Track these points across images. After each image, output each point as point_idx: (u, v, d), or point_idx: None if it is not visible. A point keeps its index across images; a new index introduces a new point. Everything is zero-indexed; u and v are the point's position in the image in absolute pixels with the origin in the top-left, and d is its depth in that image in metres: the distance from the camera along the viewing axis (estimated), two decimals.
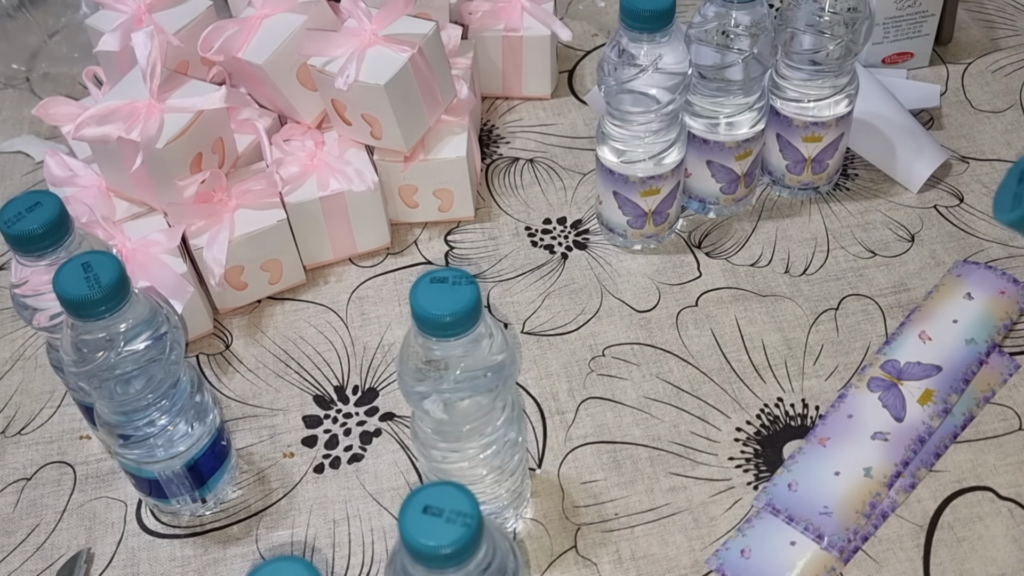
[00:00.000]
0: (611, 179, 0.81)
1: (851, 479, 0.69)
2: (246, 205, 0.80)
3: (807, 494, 0.69)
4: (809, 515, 0.68)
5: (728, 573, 0.66)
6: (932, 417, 0.71)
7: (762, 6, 0.76)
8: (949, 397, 0.72)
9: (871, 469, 0.69)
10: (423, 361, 0.57)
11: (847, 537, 0.67)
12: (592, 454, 0.73)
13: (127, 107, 0.75)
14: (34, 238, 0.62)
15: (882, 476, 0.69)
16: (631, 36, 0.73)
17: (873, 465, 0.69)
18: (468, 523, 0.47)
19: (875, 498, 0.68)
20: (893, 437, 0.71)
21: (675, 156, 0.80)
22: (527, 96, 0.99)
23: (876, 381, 0.74)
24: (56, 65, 1.05)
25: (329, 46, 0.80)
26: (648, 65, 0.73)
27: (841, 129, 0.84)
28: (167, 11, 0.84)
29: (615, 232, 0.85)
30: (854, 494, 0.68)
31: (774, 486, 0.70)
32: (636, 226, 0.84)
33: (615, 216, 0.84)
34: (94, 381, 0.61)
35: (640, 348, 0.79)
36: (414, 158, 0.84)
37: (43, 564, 0.70)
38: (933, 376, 0.73)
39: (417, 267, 0.86)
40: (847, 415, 0.73)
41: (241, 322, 0.83)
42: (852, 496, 0.68)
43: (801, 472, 0.70)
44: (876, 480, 0.69)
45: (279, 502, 0.72)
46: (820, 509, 0.68)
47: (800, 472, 0.70)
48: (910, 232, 0.86)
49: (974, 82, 0.98)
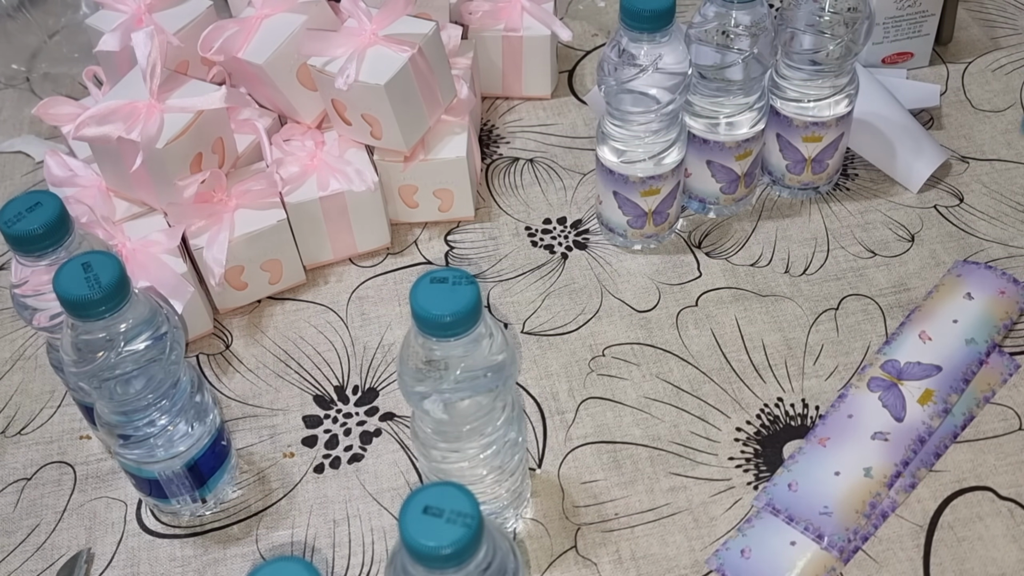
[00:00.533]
0: (611, 179, 0.81)
1: (851, 479, 0.69)
2: (246, 205, 0.80)
3: (807, 494, 0.69)
4: (809, 515, 0.68)
5: (728, 573, 0.66)
6: (932, 417, 0.71)
7: (762, 6, 0.76)
8: (949, 397, 0.72)
9: (871, 469, 0.69)
10: (423, 361, 0.57)
11: (847, 537, 0.67)
12: (592, 454, 0.73)
13: (127, 107, 0.75)
14: (34, 238, 0.62)
15: (882, 476, 0.69)
16: (631, 36, 0.73)
17: (873, 465, 0.69)
18: (468, 523, 0.47)
19: (875, 498, 0.68)
20: (893, 437, 0.71)
21: (675, 156, 0.80)
22: (527, 96, 0.99)
23: (876, 381, 0.74)
24: (56, 65, 1.05)
25: (329, 46, 0.80)
26: (648, 65, 0.73)
27: (841, 129, 0.84)
28: (167, 11, 0.84)
29: (615, 232, 0.85)
30: (854, 494, 0.68)
31: (774, 486, 0.70)
32: (636, 226, 0.84)
33: (615, 216, 0.84)
34: (94, 381, 0.61)
35: (640, 348, 0.79)
36: (414, 158, 0.84)
37: (43, 564, 0.70)
38: (933, 376, 0.73)
39: (417, 267, 0.86)
40: (847, 415, 0.73)
41: (241, 322, 0.83)
42: (852, 496, 0.68)
43: (801, 472, 0.70)
44: (876, 480, 0.69)
45: (279, 502, 0.72)
46: (820, 509, 0.68)
47: (800, 472, 0.70)
48: (910, 232, 0.86)
49: (974, 82, 0.98)
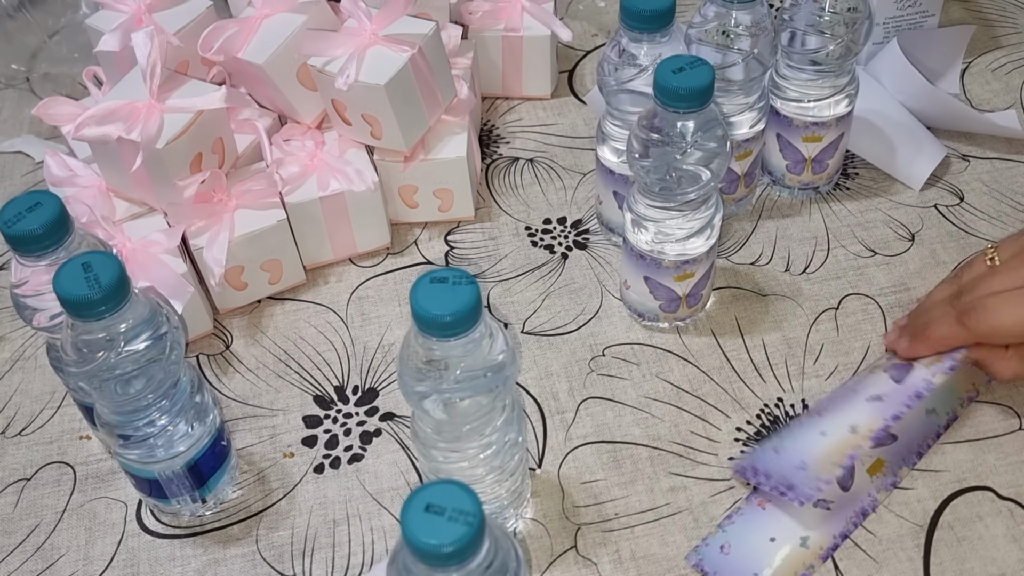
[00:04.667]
0: (611, 179, 0.81)
1: (836, 437, 0.69)
2: (246, 205, 0.80)
3: (788, 454, 0.69)
4: (784, 471, 0.67)
5: (707, 568, 0.66)
6: (935, 374, 0.71)
7: (762, 6, 0.76)
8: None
9: (857, 426, 0.69)
10: (423, 361, 0.57)
11: (818, 486, 0.66)
12: (592, 454, 0.73)
13: (127, 107, 0.75)
14: (34, 238, 0.62)
15: (867, 431, 0.68)
16: (631, 36, 0.73)
17: (859, 423, 0.69)
18: (470, 522, 0.47)
19: (855, 450, 0.67)
20: (888, 397, 0.70)
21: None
22: (527, 96, 0.99)
23: (887, 360, 0.74)
24: (56, 65, 1.05)
25: (329, 46, 0.80)
26: (648, 65, 0.73)
27: (841, 129, 0.84)
28: (167, 11, 0.84)
29: (615, 231, 0.85)
30: (835, 448, 0.68)
31: (760, 448, 0.70)
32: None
33: (615, 216, 0.84)
34: (94, 381, 0.61)
35: (640, 348, 0.79)
36: (414, 158, 0.84)
37: (43, 564, 0.70)
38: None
39: (417, 267, 0.86)
40: (852, 390, 0.73)
41: (241, 322, 0.83)
42: (832, 450, 0.68)
43: (788, 435, 0.70)
44: (860, 435, 0.68)
45: (279, 502, 0.72)
46: (796, 464, 0.68)
47: (788, 436, 0.70)
48: (910, 231, 0.86)
49: (974, 81, 0.98)
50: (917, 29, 0.96)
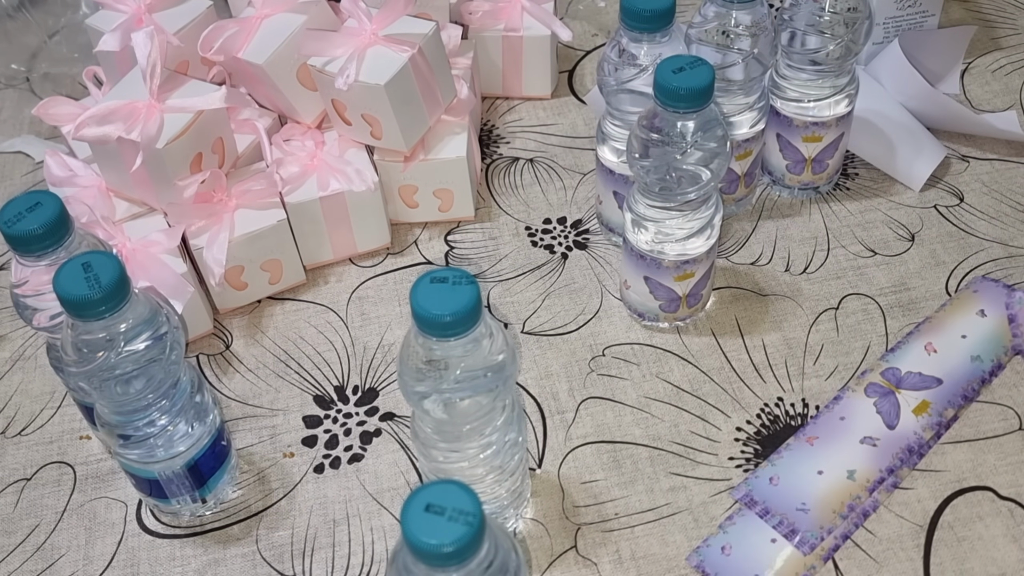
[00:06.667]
0: (611, 179, 0.81)
1: (833, 479, 0.69)
2: (246, 205, 0.80)
3: (787, 489, 0.69)
4: (785, 510, 0.68)
5: (708, 570, 0.66)
6: (925, 428, 0.71)
7: (762, 6, 0.76)
8: (945, 411, 0.72)
9: (855, 472, 0.69)
10: (423, 361, 0.57)
11: (820, 535, 0.67)
12: (592, 454, 0.73)
13: (127, 107, 0.75)
14: (34, 238, 0.62)
15: (865, 480, 0.69)
16: (631, 36, 0.73)
17: (857, 468, 0.69)
18: (470, 522, 0.47)
19: (855, 500, 0.68)
20: (882, 443, 0.71)
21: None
22: (527, 96, 0.99)
23: (874, 387, 0.74)
24: (56, 65, 1.05)
25: (329, 46, 0.80)
26: (648, 65, 0.73)
27: (841, 129, 0.84)
28: (167, 11, 0.84)
29: (615, 231, 0.85)
30: (834, 494, 0.68)
31: (756, 478, 0.70)
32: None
33: (615, 216, 0.84)
34: (94, 381, 0.61)
35: (640, 348, 0.79)
36: (414, 158, 0.84)
37: (43, 564, 0.70)
38: (932, 388, 0.73)
39: (417, 267, 0.86)
40: (839, 417, 0.73)
41: (241, 322, 0.83)
42: (831, 496, 0.68)
43: (784, 467, 0.70)
44: (858, 483, 0.69)
45: (279, 502, 0.72)
46: (798, 505, 0.68)
47: (783, 467, 0.70)
48: (910, 231, 0.86)
49: (974, 81, 0.98)
50: (917, 29, 0.96)
